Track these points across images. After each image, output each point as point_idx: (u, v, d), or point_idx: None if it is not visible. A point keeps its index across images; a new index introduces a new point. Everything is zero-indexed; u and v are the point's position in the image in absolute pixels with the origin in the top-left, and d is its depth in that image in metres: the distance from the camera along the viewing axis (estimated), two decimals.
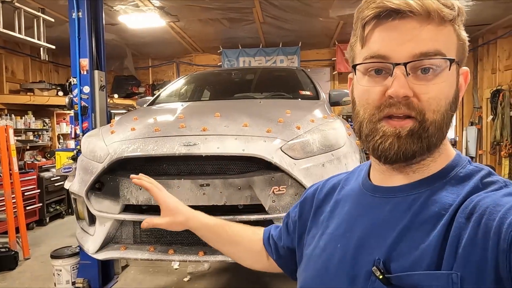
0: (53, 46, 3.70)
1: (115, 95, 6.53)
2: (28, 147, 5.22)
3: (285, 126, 1.95)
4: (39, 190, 4.71)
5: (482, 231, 0.45)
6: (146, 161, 1.92)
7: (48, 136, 5.68)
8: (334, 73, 6.79)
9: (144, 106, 3.10)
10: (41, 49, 3.64)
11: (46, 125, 5.63)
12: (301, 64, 6.45)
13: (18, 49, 5.54)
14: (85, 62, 2.82)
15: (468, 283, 0.44)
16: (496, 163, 5.61)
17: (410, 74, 0.51)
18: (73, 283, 2.82)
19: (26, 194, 4.35)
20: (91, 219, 2.05)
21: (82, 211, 2.11)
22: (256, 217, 1.77)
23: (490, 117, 5.57)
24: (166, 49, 6.65)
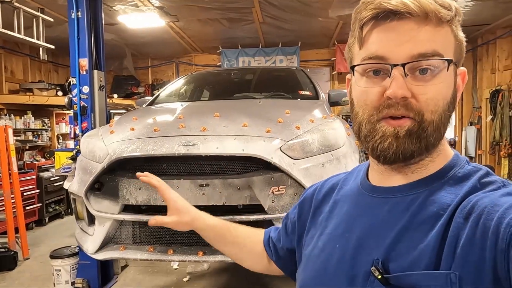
0: (53, 46, 3.70)
1: (115, 95, 6.53)
2: (27, 147, 5.22)
3: (284, 126, 1.95)
4: (38, 190, 4.71)
5: (480, 231, 0.45)
6: (145, 161, 1.92)
7: (48, 136, 5.68)
8: (333, 73, 6.80)
9: (144, 106, 3.10)
10: (41, 49, 3.64)
11: (45, 125, 5.63)
12: (301, 64, 6.45)
13: (18, 49, 5.54)
14: (85, 62, 2.82)
15: (466, 283, 0.44)
16: (495, 163, 5.61)
17: (408, 75, 0.51)
18: (73, 283, 2.81)
19: (25, 194, 4.35)
20: (90, 219, 2.05)
21: (82, 211, 2.11)
22: (256, 217, 1.77)
23: (490, 117, 5.57)
24: (166, 49, 6.64)
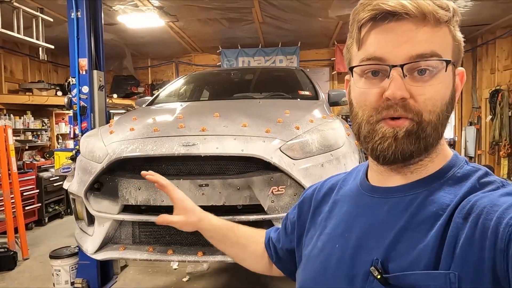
0: (52, 46, 3.70)
1: (114, 95, 6.53)
2: (27, 147, 5.22)
3: (284, 126, 1.95)
4: (38, 190, 4.70)
5: (480, 231, 0.45)
6: (145, 161, 1.92)
7: (47, 136, 5.68)
8: (333, 73, 6.80)
9: (143, 106, 3.10)
10: (40, 49, 3.63)
11: (45, 125, 5.63)
12: (300, 64, 6.45)
13: (17, 49, 5.54)
14: (84, 62, 2.82)
15: (465, 283, 0.44)
16: (495, 163, 5.62)
17: (406, 75, 0.51)
18: (72, 283, 2.81)
19: (25, 194, 4.35)
20: (90, 220, 2.05)
21: (81, 211, 2.10)
22: (255, 217, 1.77)
23: (489, 117, 5.57)
24: (165, 49, 6.64)
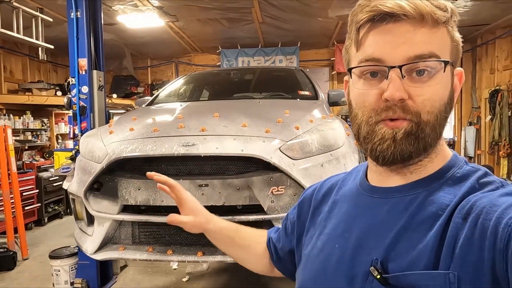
0: (52, 46, 3.69)
1: (114, 95, 6.52)
2: (26, 147, 5.21)
3: (284, 126, 1.95)
4: (37, 190, 4.70)
5: (479, 231, 0.45)
6: (144, 161, 1.92)
7: (47, 136, 5.67)
8: (333, 73, 6.80)
9: (143, 106, 3.10)
10: (40, 49, 3.63)
11: (44, 125, 5.63)
12: (300, 64, 6.45)
13: (17, 48, 5.53)
14: (84, 62, 2.82)
15: (465, 283, 0.45)
16: (494, 163, 5.62)
17: (405, 76, 0.51)
18: (72, 283, 2.81)
19: (24, 194, 4.35)
20: (89, 220, 2.05)
21: (81, 211, 2.10)
22: (255, 217, 1.77)
23: (489, 117, 5.58)
24: (165, 49, 6.64)
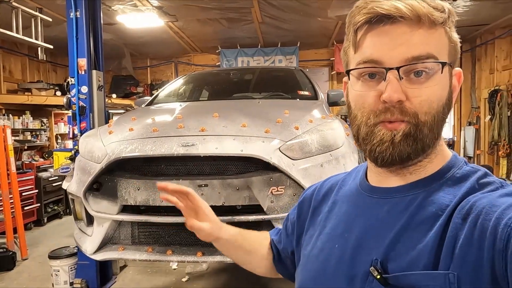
0: (51, 46, 3.69)
1: (113, 95, 6.52)
2: (26, 147, 5.21)
3: (283, 127, 1.95)
4: (37, 190, 4.70)
5: (479, 231, 0.45)
6: (144, 161, 1.92)
7: (46, 136, 5.67)
8: (332, 73, 6.80)
9: (143, 106, 3.09)
10: (39, 48, 3.63)
11: (44, 125, 5.62)
12: (300, 64, 6.45)
13: (16, 48, 5.53)
14: (83, 62, 2.82)
15: (464, 283, 0.45)
16: (494, 163, 5.63)
17: (403, 78, 0.51)
18: (71, 284, 2.81)
19: (24, 194, 4.34)
20: (89, 220, 2.05)
21: (80, 211, 2.10)
22: (255, 217, 1.77)
23: (488, 117, 5.58)
24: (165, 49, 6.64)
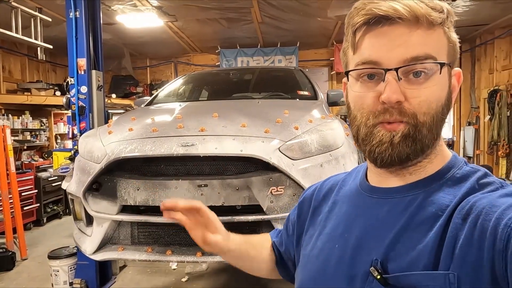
0: (51, 46, 3.69)
1: (113, 95, 6.52)
2: (25, 147, 5.20)
3: (283, 127, 1.95)
4: (36, 191, 4.69)
5: (479, 231, 0.45)
6: (144, 161, 1.91)
7: (46, 136, 5.66)
8: (332, 73, 6.80)
9: (142, 106, 3.09)
10: (39, 48, 3.63)
11: (43, 125, 5.62)
12: (299, 64, 6.45)
13: (15, 48, 5.52)
14: (83, 62, 2.81)
15: (464, 283, 0.45)
16: (493, 163, 5.63)
17: (402, 78, 0.51)
18: (71, 284, 2.81)
19: (23, 194, 4.34)
20: (88, 220, 2.04)
21: (80, 211, 2.10)
22: (254, 217, 1.77)
23: (488, 117, 5.59)
24: (164, 49, 6.64)
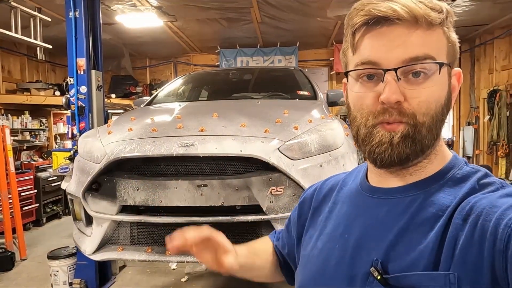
0: (50, 46, 3.69)
1: (113, 95, 6.51)
2: (24, 147, 5.20)
3: (283, 127, 1.95)
4: (35, 191, 4.69)
5: (479, 232, 0.45)
6: (143, 161, 1.91)
7: (45, 136, 5.66)
8: (332, 73, 6.80)
9: (142, 106, 3.09)
10: (38, 48, 3.62)
11: (43, 125, 5.61)
12: (299, 64, 6.45)
13: (15, 48, 5.52)
14: (82, 62, 2.81)
15: (465, 284, 0.45)
16: (493, 163, 5.64)
17: (401, 79, 0.51)
18: (70, 284, 2.81)
19: (22, 194, 4.33)
20: (88, 220, 2.04)
21: (79, 212, 2.10)
22: (254, 217, 1.77)
23: (487, 117, 5.59)
24: (164, 49, 6.63)
